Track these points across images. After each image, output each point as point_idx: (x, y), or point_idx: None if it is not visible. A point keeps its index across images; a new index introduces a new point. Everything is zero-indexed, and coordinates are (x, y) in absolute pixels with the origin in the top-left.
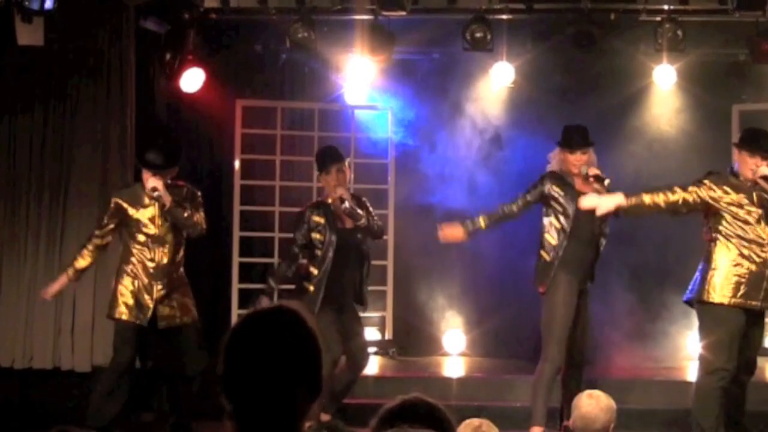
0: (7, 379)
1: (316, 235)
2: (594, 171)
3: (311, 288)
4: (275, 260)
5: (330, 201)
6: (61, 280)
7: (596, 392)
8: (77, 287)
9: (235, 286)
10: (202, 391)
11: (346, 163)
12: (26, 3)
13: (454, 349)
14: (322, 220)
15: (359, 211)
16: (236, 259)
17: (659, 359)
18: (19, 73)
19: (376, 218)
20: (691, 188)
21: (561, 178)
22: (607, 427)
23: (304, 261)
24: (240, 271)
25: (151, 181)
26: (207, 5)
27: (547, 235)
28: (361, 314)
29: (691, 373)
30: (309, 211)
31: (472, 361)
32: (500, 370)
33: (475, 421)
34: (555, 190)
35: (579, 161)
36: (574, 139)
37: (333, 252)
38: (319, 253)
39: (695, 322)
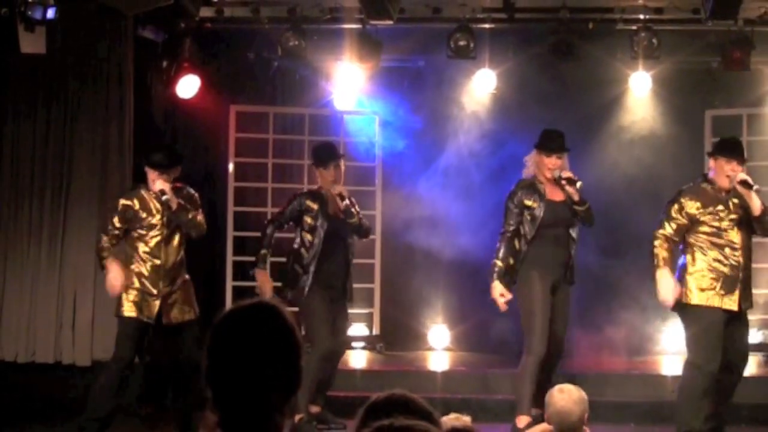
0: (10, 372)
1: (308, 219)
2: (567, 174)
3: (301, 271)
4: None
5: (323, 191)
6: (114, 270)
7: (566, 386)
8: (77, 285)
9: (229, 283)
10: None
11: (342, 160)
12: (29, 12)
13: (439, 344)
14: (315, 206)
15: (353, 210)
16: (230, 258)
17: (635, 353)
18: (22, 80)
19: (363, 218)
20: (667, 226)
21: (531, 186)
22: (582, 418)
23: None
24: (234, 270)
25: (159, 184)
26: (202, 15)
27: (515, 241)
28: (350, 310)
29: (665, 366)
30: (303, 196)
31: (456, 356)
32: (483, 364)
33: (447, 422)
34: (526, 202)
35: (554, 165)
36: (552, 142)
37: (323, 237)
38: (309, 237)
39: (669, 317)
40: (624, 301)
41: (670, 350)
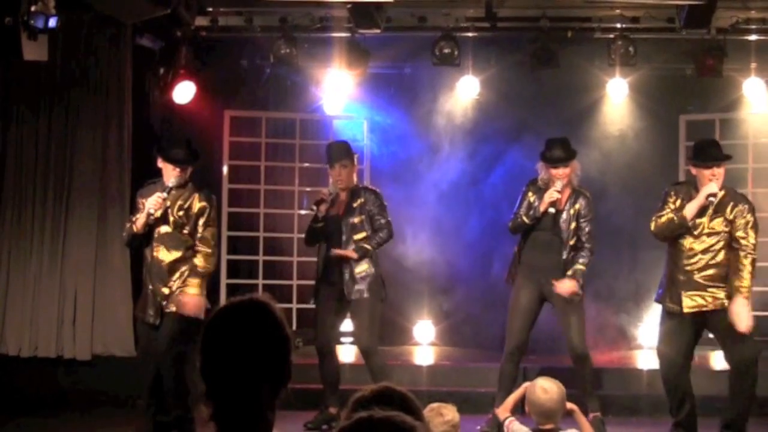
0: (14, 366)
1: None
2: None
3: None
4: (260, 257)
5: (335, 191)
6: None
7: (548, 385)
8: (78, 282)
9: (224, 281)
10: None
11: (355, 159)
12: (32, 21)
13: (425, 339)
14: (323, 207)
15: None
16: (224, 257)
17: (612, 348)
18: (25, 86)
19: (378, 236)
20: (662, 212)
21: (539, 188)
22: (562, 411)
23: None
24: (228, 268)
25: (153, 200)
26: (197, 24)
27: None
28: None
29: (641, 361)
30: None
31: (440, 350)
32: (466, 359)
33: (434, 405)
34: (531, 197)
35: (560, 175)
36: (551, 153)
37: (324, 236)
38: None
39: (646, 313)
40: (602, 298)
41: (645, 345)
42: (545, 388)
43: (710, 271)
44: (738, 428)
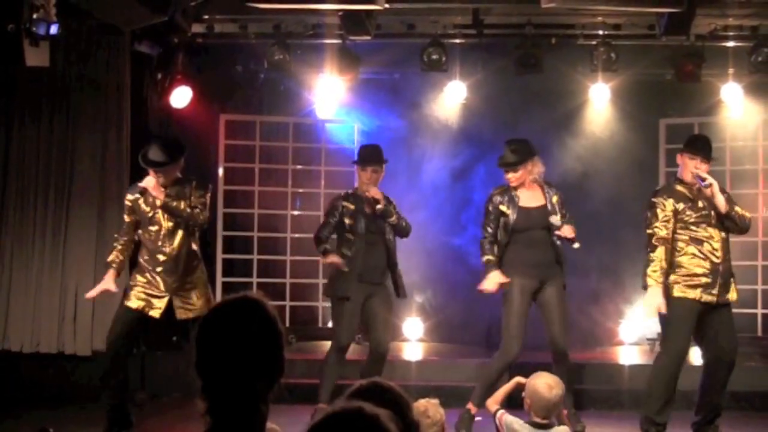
0: (16, 362)
1: (347, 220)
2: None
3: (346, 268)
4: (254, 257)
5: (360, 192)
6: (104, 279)
7: (552, 382)
8: (78, 280)
9: (219, 279)
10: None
11: (383, 166)
12: (33, 28)
13: (413, 336)
14: (352, 207)
15: (391, 209)
16: (220, 256)
17: (594, 344)
18: (27, 90)
19: (403, 218)
20: (656, 225)
21: (506, 192)
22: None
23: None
24: (223, 267)
25: (145, 181)
26: (194, 30)
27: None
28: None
29: (623, 356)
30: (339, 200)
31: (429, 346)
32: (454, 354)
33: (420, 406)
34: (501, 207)
35: (512, 180)
36: (500, 158)
37: (363, 235)
38: (350, 236)
39: (626, 310)
40: (585, 296)
41: (627, 341)
42: (551, 385)
43: (728, 260)
44: (711, 421)
